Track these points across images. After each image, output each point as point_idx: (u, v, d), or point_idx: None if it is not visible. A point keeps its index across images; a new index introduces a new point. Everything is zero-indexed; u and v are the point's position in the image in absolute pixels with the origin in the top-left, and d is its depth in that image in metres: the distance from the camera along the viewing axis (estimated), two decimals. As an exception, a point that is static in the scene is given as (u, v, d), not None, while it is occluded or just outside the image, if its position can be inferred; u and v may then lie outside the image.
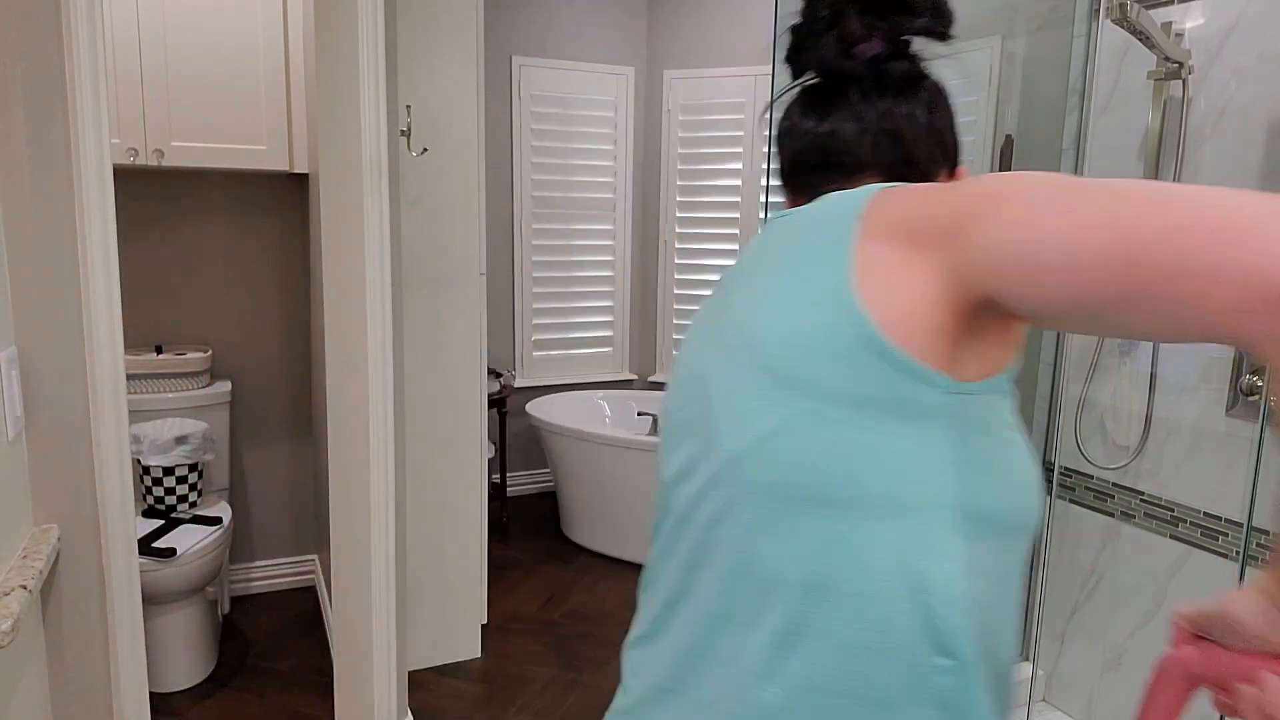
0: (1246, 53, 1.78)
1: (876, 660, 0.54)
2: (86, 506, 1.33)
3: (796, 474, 0.55)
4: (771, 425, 0.56)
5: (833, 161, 0.70)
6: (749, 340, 0.60)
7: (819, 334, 0.56)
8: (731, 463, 0.59)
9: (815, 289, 0.57)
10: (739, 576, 0.58)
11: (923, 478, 0.54)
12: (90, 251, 1.29)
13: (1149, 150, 1.96)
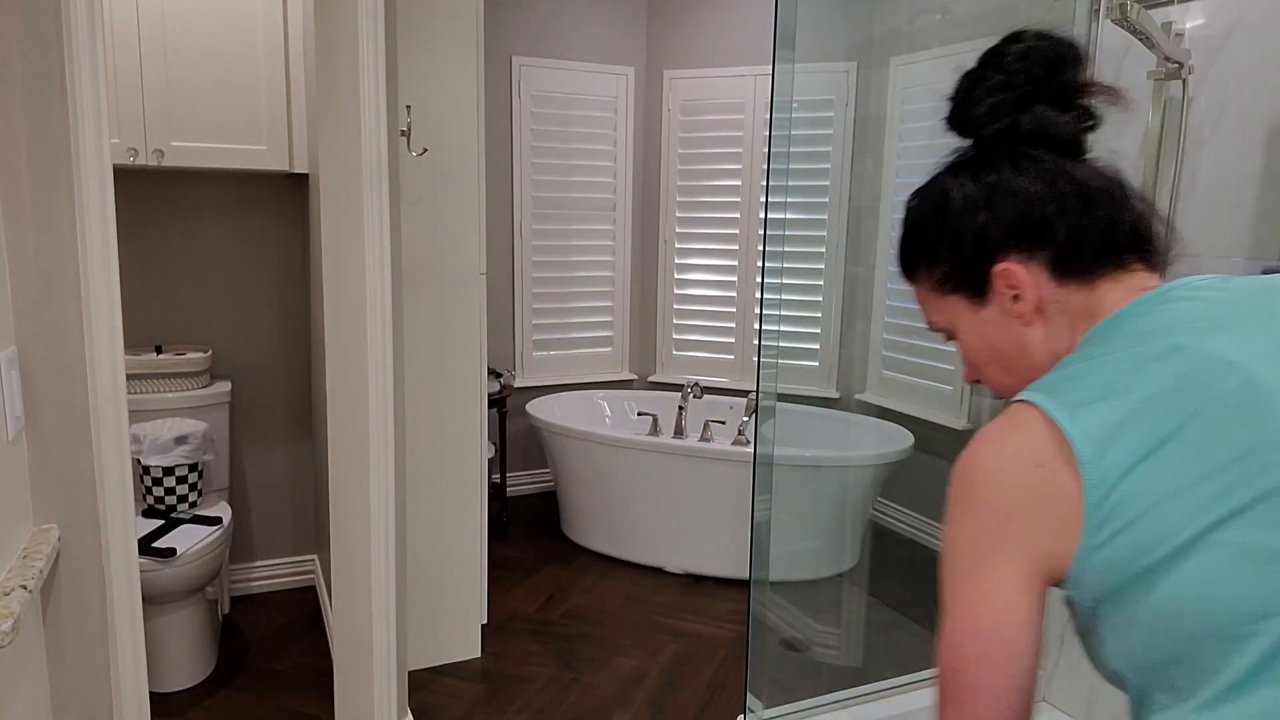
0: (1246, 53, 1.78)
1: None
2: (86, 506, 1.33)
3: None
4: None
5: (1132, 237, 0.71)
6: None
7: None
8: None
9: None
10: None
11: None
12: (90, 251, 1.29)
13: (1149, 150, 1.97)
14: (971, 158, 0.75)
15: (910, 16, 2.76)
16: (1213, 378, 0.57)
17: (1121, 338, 0.64)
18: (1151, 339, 0.62)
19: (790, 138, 2.03)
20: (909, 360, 2.85)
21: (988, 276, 0.72)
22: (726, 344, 4.00)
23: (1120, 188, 0.71)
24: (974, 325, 0.74)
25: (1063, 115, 0.72)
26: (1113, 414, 0.58)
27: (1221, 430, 0.55)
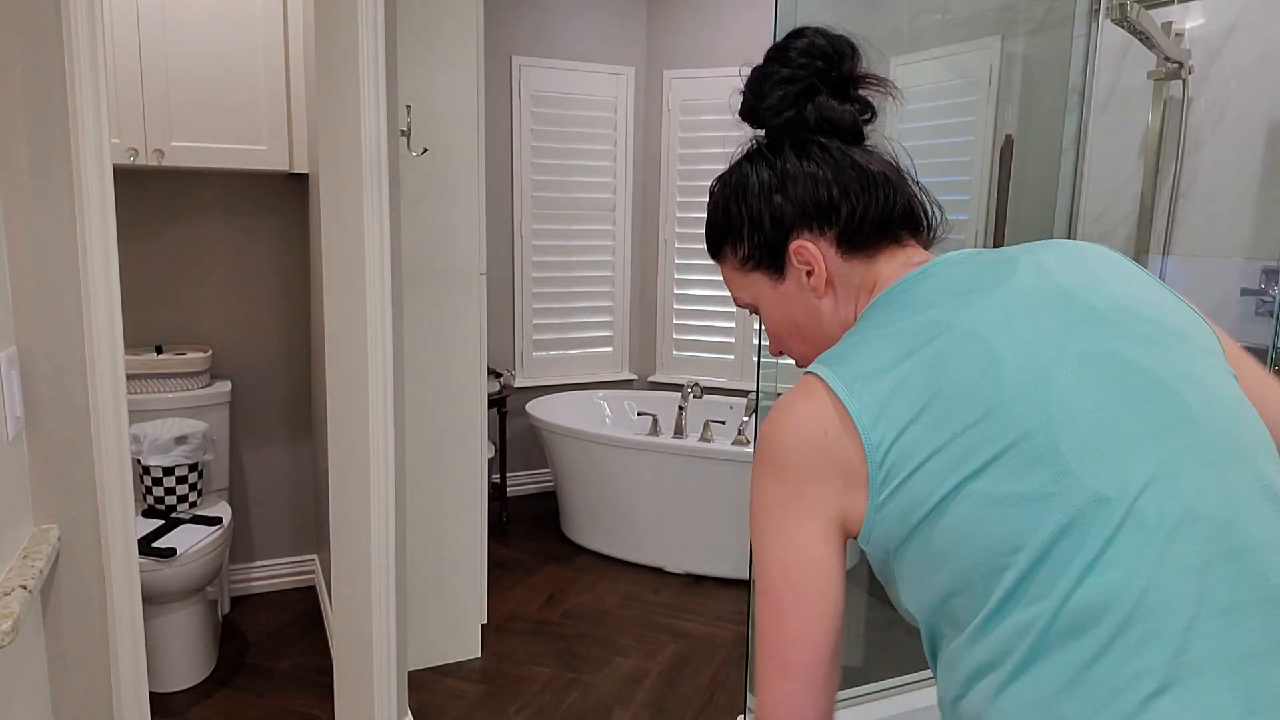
0: (1246, 53, 1.78)
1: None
2: (86, 506, 1.33)
3: (1265, 435, 0.65)
4: (1235, 394, 0.66)
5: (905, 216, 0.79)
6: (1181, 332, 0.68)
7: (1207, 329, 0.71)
8: (1223, 434, 0.62)
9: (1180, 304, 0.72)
10: None
11: None
12: (90, 251, 1.29)
13: (1149, 150, 1.97)
14: (766, 145, 0.81)
15: (910, 16, 2.76)
16: (960, 348, 0.65)
17: (890, 312, 0.72)
18: (913, 313, 0.70)
19: (790, 138, 2.03)
20: (909, 360, 2.85)
21: (785, 254, 0.79)
22: (726, 344, 4.00)
23: (896, 171, 0.79)
24: (774, 299, 0.82)
25: (843, 105, 0.79)
26: (882, 386, 0.66)
27: (967, 396, 0.63)
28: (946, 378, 0.64)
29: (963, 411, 0.63)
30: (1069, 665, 0.58)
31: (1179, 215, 1.93)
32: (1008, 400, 0.62)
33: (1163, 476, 0.60)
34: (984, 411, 0.62)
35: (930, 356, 0.65)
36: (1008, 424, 0.62)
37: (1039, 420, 0.61)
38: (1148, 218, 1.98)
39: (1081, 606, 0.58)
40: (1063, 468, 0.60)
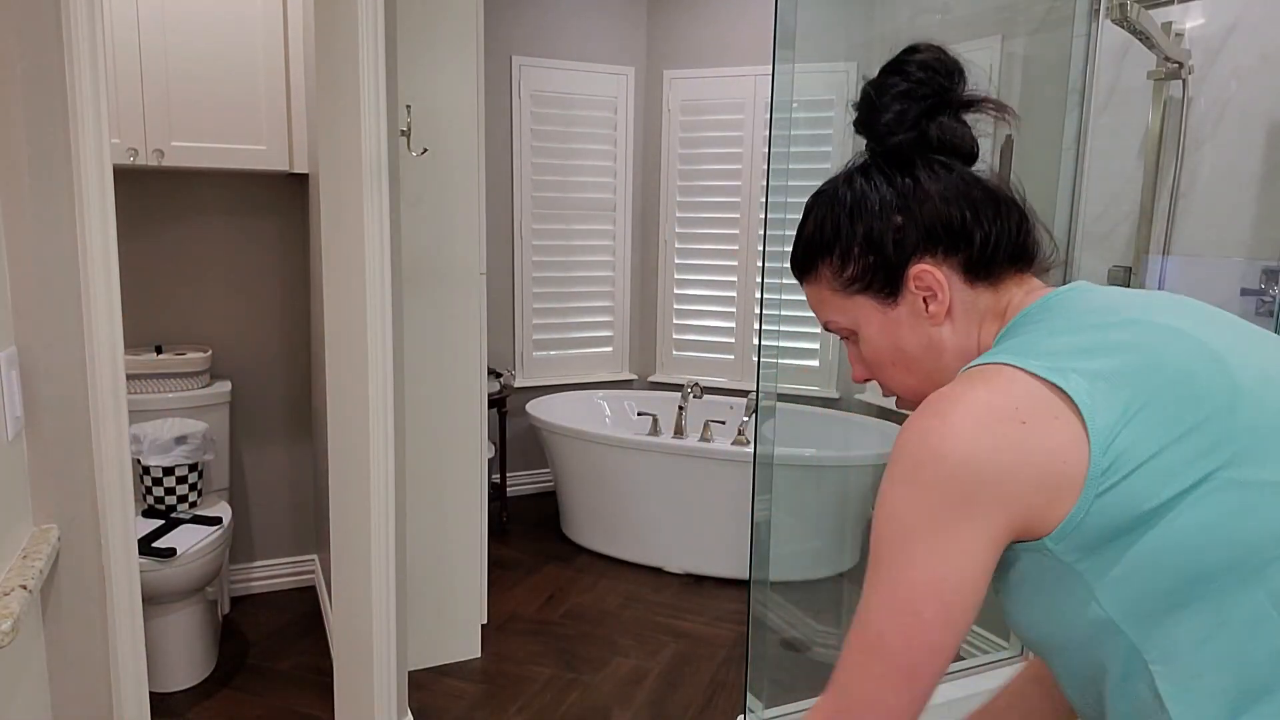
0: (1246, 53, 1.78)
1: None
2: (86, 506, 1.33)
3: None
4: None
5: (1037, 243, 0.75)
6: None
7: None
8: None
9: None
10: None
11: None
12: (90, 251, 1.29)
13: (1149, 150, 1.97)
14: (882, 162, 0.76)
15: (910, 16, 2.76)
16: (1173, 343, 0.61)
17: (1065, 317, 0.67)
18: (1103, 314, 0.65)
19: (790, 138, 2.03)
20: (909, 360, 2.85)
21: (902, 278, 0.73)
22: (726, 344, 4.00)
23: (1020, 198, 0.75)
24: (882, 325, 0.76)
25: (962, 126, 0.75)
26: (1095, 369, 0.60)
27: (1201, 386, 0.59)
28: (1171, 368, 0.60)
29: (1200, 400, 0.58)
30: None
31: (1179, 215, 1.93)
32: (1246, 389, 0.59)
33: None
34: (1225, 401, 0.58)
35: (1139, 348, 0.61)
36: (1256, 413, 0.58)
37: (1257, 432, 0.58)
38: (1148, 218, 1.98)
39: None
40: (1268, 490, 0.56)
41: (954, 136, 0.74)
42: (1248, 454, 0.57)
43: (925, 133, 0.74)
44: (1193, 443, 0.57)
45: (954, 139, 0.74)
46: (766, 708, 2.10)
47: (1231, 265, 1.83)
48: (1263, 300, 1.78)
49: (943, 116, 0.74)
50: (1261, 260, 1.78)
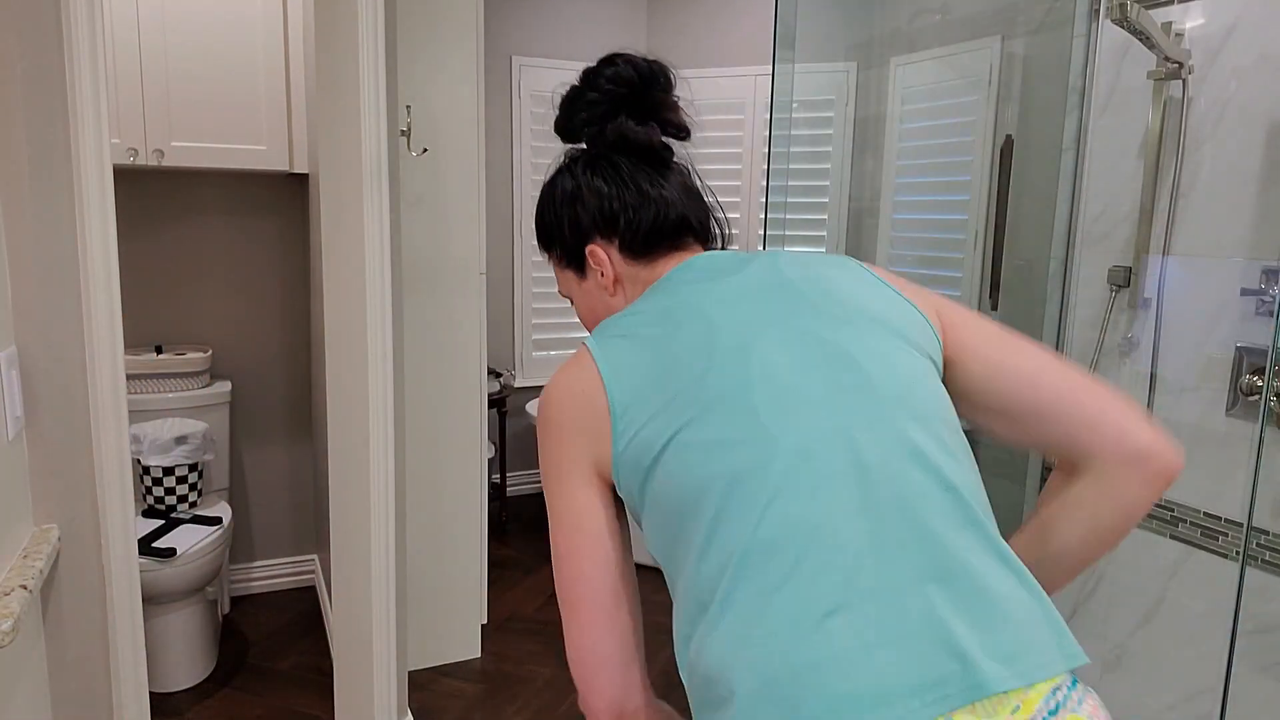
0: (1246, 53, 1.78)
1: None
2: (86, 506, 1.33)
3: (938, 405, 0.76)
4: (923, 383, 0.76)
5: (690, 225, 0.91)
6: (881, 315, 0.79)
7: (916, 314, 0.81)
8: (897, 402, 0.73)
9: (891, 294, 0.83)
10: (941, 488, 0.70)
11: None
12: (90, 251, 1.29)
13: (1149, 150, 1.97)
14: (577, 158, 0.92)
15: (910, 16, 2.76)
16: (688, 322, 0.77)
17: (649, 296, 0.84)
18: (663, 296, 0.82)
19: (790, 138, 2.03)
20: (909, 360, 2.84)
21: (584, 257, 0.91)
22: (726, 344, 4.00)
23: (683, 190, 0.91)
24: (581, 294, 0.94)
25: (642, 127, 0.89)
26: (628, 350, 0.78)
27: (689, 361, 0.75)
28: (677, 346, 0.76)
29: (684, 373, 0.74)
30: (760, 594, 0.65)
31: (1179, 215, 1.93)
32: (718, 365, 0.74)
33: (838, 430, 0.70)
34: (699, 374, 0.74)
35: (668, 329, 0.78)
36: (715, 384, 0.73)
37: (740, 382, 0.72)
38: (1148, 218, 1.98)
39: (766, 540, 0.67)
40: (756, 420, 0.71)
41: (630, 136, 0.89)
42: (698, 419, 0.72)
43: (604, 135, 0.89)
44: (669, 412, 0.73)
45: (630, 138, 0.89)
46: (766, 708, 2.10)
47: (1231, 265, 1.83)
48: (1263, 300, 1.78)
49: (621, 119, 0.89)
50: (1261, 260, 1.78)
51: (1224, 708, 1.82)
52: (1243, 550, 1.81)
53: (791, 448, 0.69)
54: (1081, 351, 2.17)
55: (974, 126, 2.54)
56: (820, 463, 0.69)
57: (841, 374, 0.74)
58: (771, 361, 0.74)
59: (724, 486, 0.69)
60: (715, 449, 0.70)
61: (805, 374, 0.73)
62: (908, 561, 0.66)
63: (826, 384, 0.73)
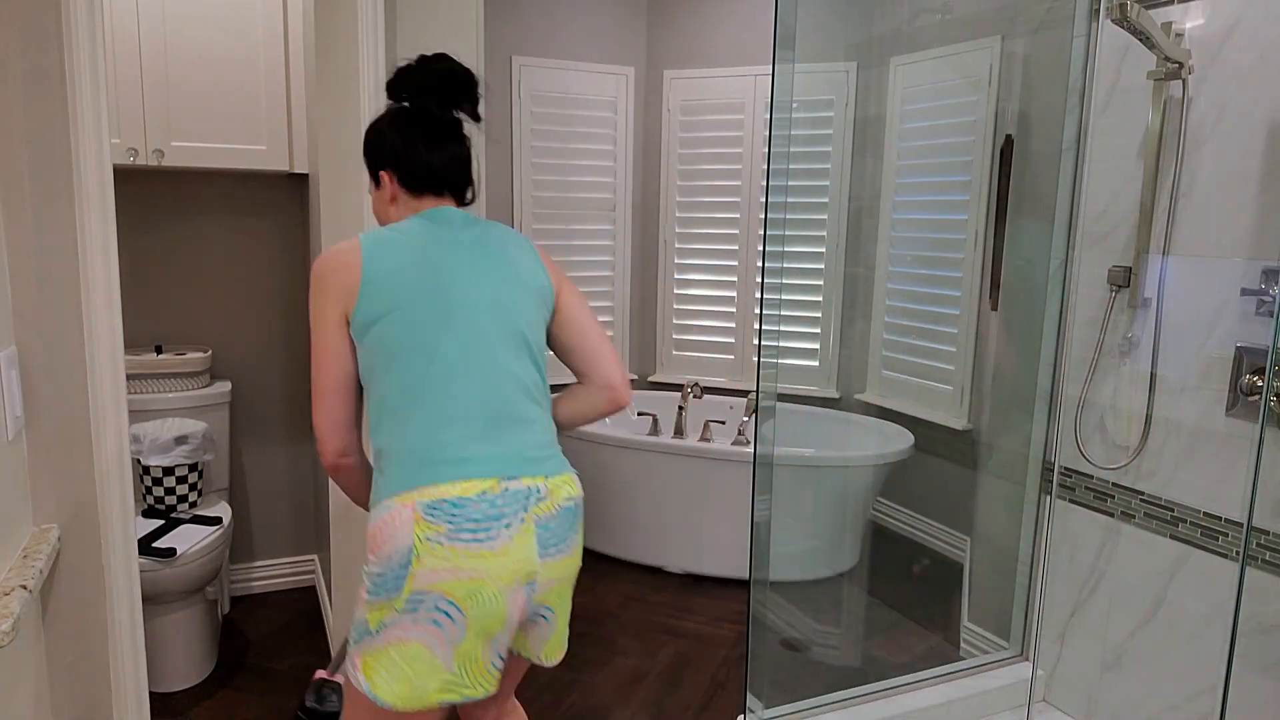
0: (1246, 53, 1.78)
1: None
2: (86, 506, 1.33)
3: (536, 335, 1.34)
4: (534, 327, 1.33)
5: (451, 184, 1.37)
6: (521, 276, 1.33)
7: (545, 282, 1.37)
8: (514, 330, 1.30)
9: (544, 276, 1.37)
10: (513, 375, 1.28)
11: None
12: (90, 251, 1.29)
13: (1149, 150, 1.97)
14: (397, 113, 1.35)
15: (910, 16, 2.76)
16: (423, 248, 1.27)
17: (409, 222, 1.31)
18: (415, 224, 1.31)
19: (790, 138, 2.03)
20: (909, 360, 2.85)
21: (379, 176, 1.37)
22: (726, 344, 4.00)
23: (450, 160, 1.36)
24: (376, 198, 1.40)
25: (442, 110, 1.35)
26: (382, 249, 1.26)
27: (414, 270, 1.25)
28: (410, 258, 1.25)
29: (408, 276, 1.24)
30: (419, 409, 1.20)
31: (1179, 215, 1.93)
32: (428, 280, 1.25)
33: (477, 338, 1.25)
34: (416, 280, 1.24)
35: (410, 247, 1.27)
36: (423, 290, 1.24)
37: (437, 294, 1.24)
38: (1148, 218, 1.98)
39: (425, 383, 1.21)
40: (438, 319, 1.23)
41: (429, 111, 1.34)
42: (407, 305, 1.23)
43: (413, 104, 1.35)
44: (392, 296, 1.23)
45: (429, 112, 1.34)
46: (766, 708, 2.10)
47: (1231, 265, 1.83)
48: (1263, 300, 1.78)
49: (427, 99, 1.34)
50: (1261, 260, 1.78)
51: (1224, 708, 1.83)
52: (1243, 550, 1.81)
53: (451, 339, 1.23)
54: (1081, 351, 2.17)
55: (974, 126, 2.54)
56: (463, 353, 1.23)
57: (491, 308, 1.27)
58: (458, 290, 1.26)
59: (411, 348, 1.21)
60: (412, 326, 1.22)
61: (473, 303, 1.26)
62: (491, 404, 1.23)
63: (481, 312, 1.26)
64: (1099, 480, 2.14)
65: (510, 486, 1.18)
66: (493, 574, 1.14)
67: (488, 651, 1.18)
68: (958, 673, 2.30)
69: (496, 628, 1.17)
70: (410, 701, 1.13)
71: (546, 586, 1.23)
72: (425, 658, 1.12)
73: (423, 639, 1.12)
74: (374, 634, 1.13)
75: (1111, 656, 2.12)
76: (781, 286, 2.03)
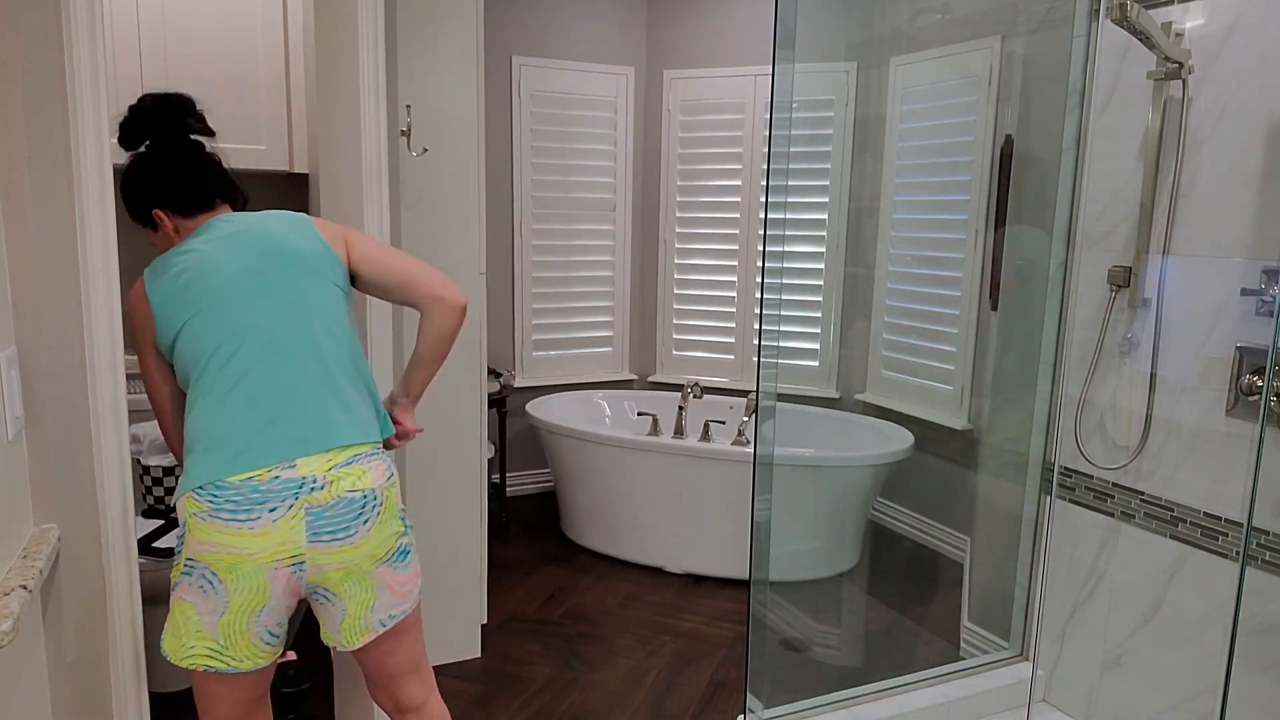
0: (1246, 53, 1.78)
1: None
2: (86, 506, 1.33)
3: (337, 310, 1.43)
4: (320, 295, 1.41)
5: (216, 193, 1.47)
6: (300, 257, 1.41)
7: (319, 244, 1.44)
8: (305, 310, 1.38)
9: (315, 239, 1.44)
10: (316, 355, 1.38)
11: None
12: (90, 251, 1.29)
13: (1149, 150, 1.97)
14: (141, 158, 1.45)
15: (910, 16, 2.76)
16: (203, 258, 1.37)
17: (188, 240, 1.40)
18: (194, 239, 1.40)
19: (790, 138, 2.03)
20: (909, 360, 2.85)
21: (153, 217, 1.44)
22: (726, 344, 4.00)
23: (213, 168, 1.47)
24: (159, 239, 1.46)
25: (177, 136, 1.45)
26: (162, 276, 1.37)
27: (196, 281, 1.35)
28: (190, 272, 1.35)
29: (193, 287, 1.34)
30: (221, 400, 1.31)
31: (1179, 215, 1.93)
32: (211, 284, 1.35)
33: (263, 324, 1.34)
34: (202, 289, 1.34)
35: (191, 262, 1.36)
36: (208, 295, 1.34)
37: (221, 295, 1.34)
38: (1148, 218, 1.98)
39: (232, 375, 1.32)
40: (225, 316, 1.34)
41: (167, 140, 1.45)
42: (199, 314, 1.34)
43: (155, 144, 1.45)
44: (183, 310, 1.34)
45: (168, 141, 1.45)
46: (766, 708, 2.10)
47: (1231, 265, 1.83)
48: (1263, 300, 1.78)
49: (157, 132, 1.44)
50: (1261, 260, 1.78)
51: (1224, 708, 1.83)
52: (1243, 550, 1.81)
53: (246, 333, 1.33)
54: (1081, 351, 2.17)
55: (974, 126, 2.54)
56: (260, 343, 1.33)
57: (276, 293, 1.36)
58: (240, 283, 1.35)
59: (212, 349, 1.32)
60: (207, 331, 1.33)
61: (257, 292, 1.35)
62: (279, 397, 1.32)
63: (267, 298, 1.35)
64: (1099, 480, 2.14)
65: (282, 475, 1.27)
66: (251, 551, 1.26)
67: (254, 625, 1.29)
68: (958, 673, 2.30)
69: (258, 601, 1.28)
70: (176, 656, 1.30)
71: (321, 570, 1.31)
72: (194, 619, 1.28)
73: (194, 601, 1.27)
74: (172, 589, 1.31)
75: (1111, 656, 2.12)
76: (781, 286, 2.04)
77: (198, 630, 1.28)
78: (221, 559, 1.25)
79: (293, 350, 1.34)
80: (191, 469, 1.28)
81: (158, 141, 1.43)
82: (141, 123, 1.43)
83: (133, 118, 1.43)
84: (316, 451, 1.30)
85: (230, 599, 1.26)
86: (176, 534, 1.30)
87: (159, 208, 1.42)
